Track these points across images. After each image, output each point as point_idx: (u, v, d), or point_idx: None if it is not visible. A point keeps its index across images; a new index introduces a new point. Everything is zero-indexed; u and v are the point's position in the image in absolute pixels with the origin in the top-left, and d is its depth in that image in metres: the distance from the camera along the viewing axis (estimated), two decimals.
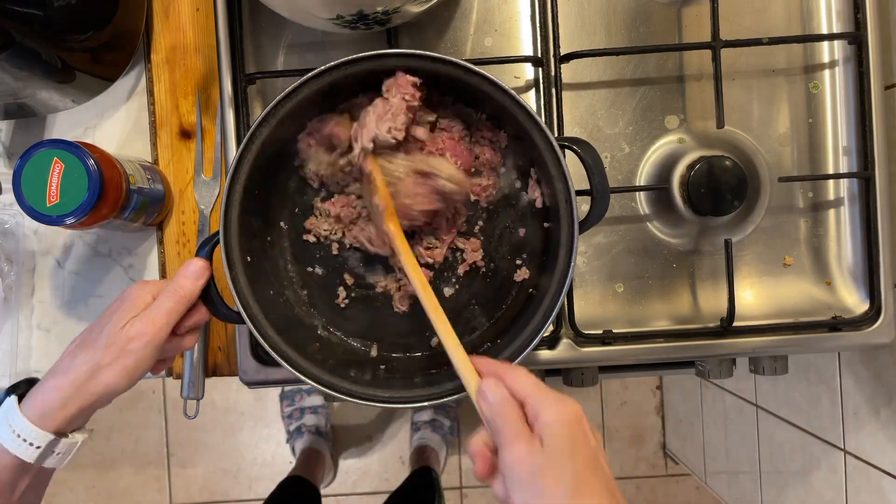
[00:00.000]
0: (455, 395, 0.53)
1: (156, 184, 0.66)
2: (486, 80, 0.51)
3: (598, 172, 0.52)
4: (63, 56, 0.61)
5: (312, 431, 1.63)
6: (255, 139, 0.53)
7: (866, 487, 0.81)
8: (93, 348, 0.50)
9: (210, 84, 0.70)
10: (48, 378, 0.50)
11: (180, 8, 0.70)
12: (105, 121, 0.71)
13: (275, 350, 0.53)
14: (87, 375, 0.49)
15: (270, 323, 0.55)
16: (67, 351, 0.51)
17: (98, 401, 0.50)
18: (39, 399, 0.49)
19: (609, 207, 0.65)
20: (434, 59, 0.51)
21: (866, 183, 0.63)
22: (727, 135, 0.65)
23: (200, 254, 0.53)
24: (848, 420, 0.83)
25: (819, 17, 0.65)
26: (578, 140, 0.54)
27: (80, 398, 0.49)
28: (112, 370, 0.49)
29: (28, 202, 0.56)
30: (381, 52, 0.52)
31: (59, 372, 0.50)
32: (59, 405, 0.48)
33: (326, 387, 0.54)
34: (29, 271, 0.71)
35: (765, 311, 0.65)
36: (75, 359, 0.50)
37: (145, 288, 0.52)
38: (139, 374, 0.51)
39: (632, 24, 0.65)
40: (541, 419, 0.42)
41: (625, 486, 1.72)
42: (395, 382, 0.57)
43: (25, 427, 0.48)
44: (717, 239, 0.66)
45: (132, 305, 0.51)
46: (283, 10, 0.56)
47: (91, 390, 0.49)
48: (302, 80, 0.52)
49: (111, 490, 1.75)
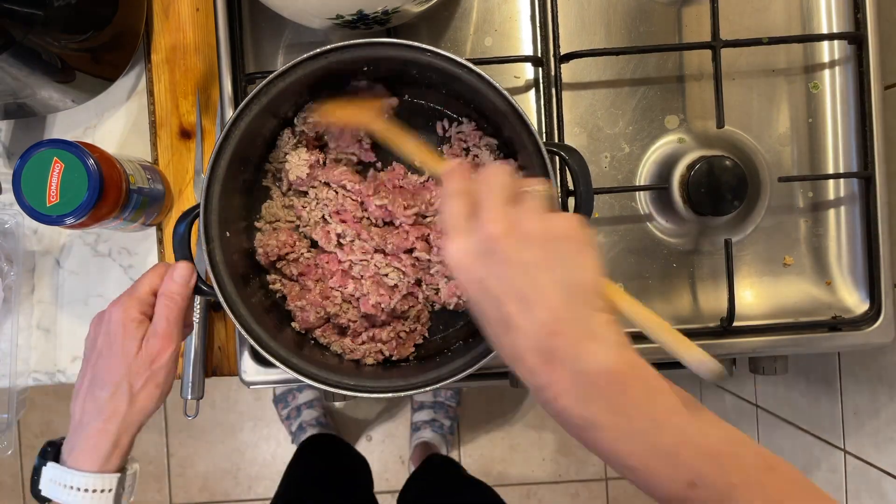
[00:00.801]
0: (449, 380, 0.53)
1: (156, 184, 0.66)
2: (480, 79, 0.52)
3: (584, 181, 0.53)
4: (63, 56, 0.61)
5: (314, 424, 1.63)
6: (245, 115, 0.53)
7: (866, 487, 0.81)
8: (113, 382, 0.50)
9: (210, 84, 0.70)
10: (83, 429, 0.50)
11: (180, 8, 0.70)
12: (105, 121, 0.71)
13: (244, 328, 0.53)
14: (126, 405, 0.50)
15: (242, 300, 0.55)
16: (82, 397, 0.51)
17: (141, 425, 0.51)
18: (90, 448, 0.49)
19: (609, 207, 0.66)
20: (430, 53, 0.52)
21: (866, 183, 0.63)
22: (727, 135, 0.65)
23: (180, 228, 0.53)
24: (848, 420, 0.83)
25: (819, 17, 0.65)
26: (566, 146, 0.54)
27: (127, 430, 0.50)
28: (147, 392, 0.50)
29: (28, 202, 0.56)
30: (377, 41, 0.52)
31: (92, 418, 0.50)
32: (113, 445, 0.50)
33: (294, 369, 0.54)
34: (29, 271, 0.71)
35: (765, 311, 0.65)
36: (101, 400, 0.50)
37: (125, 306, 0.52)
38: (169, 386, 0.52)
39: (632, 23, 0.65)
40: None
41: (625, 485, 1.72)
42: (369, 369, 0.58)
43: (90, 479, 0.49)
44: (717, 239, 0.66)
45: (129, 329, 0.51)
46: (283, 10, 0.56)
47: (133, 420, 0.50)
48: (299, 59, 0.52)
49: None
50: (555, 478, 1.71)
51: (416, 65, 0.53)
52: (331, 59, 0.52)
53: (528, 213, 0.39)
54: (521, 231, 0.38)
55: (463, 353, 0.56)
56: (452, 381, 0.53)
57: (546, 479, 1.71)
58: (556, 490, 1.71)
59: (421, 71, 0.55)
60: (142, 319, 0.52)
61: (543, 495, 1.71)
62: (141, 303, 0.52)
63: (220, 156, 0.53)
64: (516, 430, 1.72)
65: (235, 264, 0.56)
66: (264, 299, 0.60)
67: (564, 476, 1.71)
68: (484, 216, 0.39)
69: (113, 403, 0.50)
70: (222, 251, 0.54)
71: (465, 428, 1.72)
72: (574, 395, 0.36)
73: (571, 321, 0.37)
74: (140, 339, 0.51)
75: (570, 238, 0.39)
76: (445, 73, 0.53)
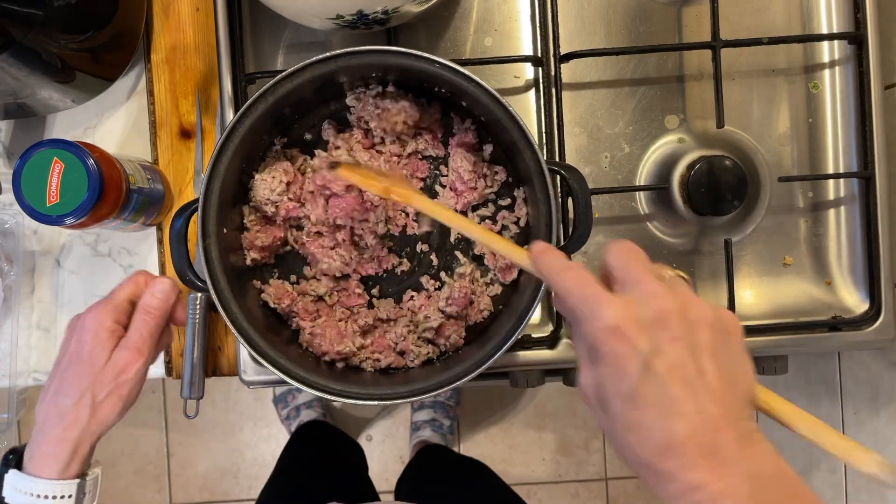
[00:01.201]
0: (450, 386, 0.53)
1: (156, 184, 0.66)
2: (485, 92, 0.52)
3: (584, 202, 0.53)
4: (63, 56, 0.61)
5: None
6: (250, 114, 0.53)
7: (866, 487, 0.81)
8: (78, 389, 0.50)
9: (210, 84, 0.70)
10: (44, 433, 0.50)
11: (180, 8, 0.70)
12: (105, 121, 0.71)
13: (234, 324, 0.53)
14: (88, 415, 0.50)
15: (234, 297, 0.55)
16: (48, 401, 0.51)
17: (102, 434, 0.51)
18: (50, 454, 0.49)
19: (609, 207, 0.66)
20: (437, 64, 0.52)
21: (866, 183, 0.63)
22: (727, 134, 0.65)
23: (177, 222, 0.53)
24: (848, 420, 0.83)
25: (819, 16, 0.65)
26: (568, 166, 0.54)
27: (87, 438, 0.50)
28: (109, 403, 0.50)
29: (28, 202, 0.56)
30: (389, 49, 0.52)
31: (54, 424, 0.50)
32: (72, 452, 0.50)
33: (284, 372, 0.54)
34: (28, 271, 0.71)
35: (765, 310, 0.65)
36: (64, 406, 0.50)
37: (100, 313, 0.52)
38: (134, 399, 0.52)
39: (632, 23, 0.65)
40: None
41: (625, 485, 1.72)
42: (355, 376, 0.58)
43: (50, 486, 0.49)
44: (717, 239, 0.65)
45: (101, 338, 0.51)
46: (283, 10, 0.56)
47: (94, 429, 0.50)
48: (308, 61, 0.52)
49: (111, 490, 1.75)
50: (555, 478, 1.71)
51: (424, 73, 0.53)
52: (339, 63, 0.52)
53: (691, 297, 0.36)
54: (691, 313, 0.35)
55: (463, 358, 0.56)
56: (453, 386, 0.53)
57: (546, 479, 1.71)
58: (556, 490, 1.71)
59: (427, 80, 0.55)
60: (114, 329, 0.51)
61: (543, 495, 1.71)
62: (117, 311, 0.52)
63: (223, 152, 0.53)
64: (516, 430, 1.71)
65: (231, 262, 0.56)
66: (258, 300, 0.59)
67: (564, 476, 1.71)
68: (645, 289, 0.35)
69: (75, 412, 0.50)
70: (218, 247, 0.54)
71: (465, 428, 1.72)
72: (746, 499, 0.32)
73: (735, 420, 0.34)
74: (110, 350, 0.51)
75: (736, 334, 0.36)
76: (452, 84, 0.53)
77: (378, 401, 0.53)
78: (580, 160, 0.65)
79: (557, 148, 0.63)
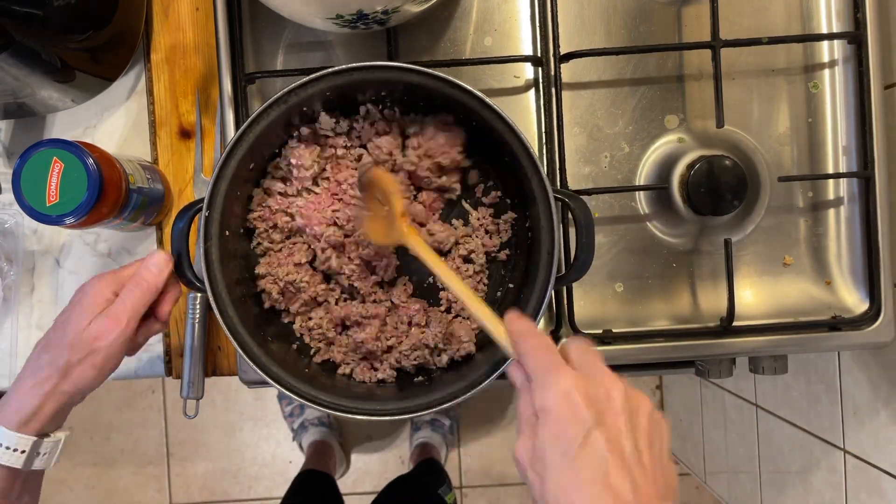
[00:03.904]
0: (450, 402, 0.53)
1: (155, 183, 0.66)
2: (498, 117, 0.52)
3: (588, 232, 0.53)
4: (63, 56, 0.61)
5: (316, 424, 1.63)
6: (263, 119, 0.53)
7: (866, 487, 0.81)
8: (58, 348, 0.50)
9: (210, 84, 0.70)
10: (18, 383, 0.51)
11: (180, 8, 0.70)
12: (105, 120, 0.71)
13: (229, 328, 0.53)
14: (59, 376, 0.50)
15: (232, 300, 0.55)
16: (34, 353, 0.52)
17: (71, 399, 0.51)
18: (14, 406, 0.50)
19: (609, 207, 0.66)
20: (450, 84, 0.52)
21: (866, 182, 0.63)
22: (727, 134, 0.65)
23: (180, 222, 0.53)
24: (848, 420, 0.83)
25: (819, 16, 0.65)
26: (574, 196, 0.55)
27: (54, 399, 0.50)
28: (82, 368, 0.50)
29: (28, 202, 0.56)
30: (413, 68, 0.53)
31: (28, 376, 0.50)
32: (36, 408, 0.49)
33: (273, 378, 0.54)
34: (28, 271, 0.71)
35: (765, 310, 0.65)
36: (42, 361, 0.50)
37: (102, 282, 0.52)
38: (109, 369, 0.52)
39: (631, 23, 0.65)
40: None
41: None
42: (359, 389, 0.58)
43: (6, 435, 0.49)
44: (716, 238, 0.65)
45: (91, 302, 0.51)
46: (282, 10, 0.56)
47: (64, 389, 0.50)
48: (324, 72, 0.52)
49: (111, 489, 1.75)
50: None
51: (431, 89, 0.53)
52: (355, 76, 0.52)
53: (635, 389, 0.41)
54: (634, 400, 0.40)
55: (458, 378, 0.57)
56: (452, 404, 0.54)
57: None
58: None
59: (433, 95, 0.55)
60: (110, 299, 0.52)
61: None
62: (118, 283, 0.52)
63: (232, 155, 0.53)
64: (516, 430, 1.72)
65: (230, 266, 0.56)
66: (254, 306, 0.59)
67: None
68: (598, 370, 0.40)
69: (49, 369, 0.50)
70: (219, 250, 0.54)
71: (465, 428, 1.72)
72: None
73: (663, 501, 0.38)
74: (96, 316, 0.51)
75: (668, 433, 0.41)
76: (466, 106, 0.53)
77: (370, 416, 0.54)
78: (580, 160, 0.66)
79: (557, 148, 0.63)
